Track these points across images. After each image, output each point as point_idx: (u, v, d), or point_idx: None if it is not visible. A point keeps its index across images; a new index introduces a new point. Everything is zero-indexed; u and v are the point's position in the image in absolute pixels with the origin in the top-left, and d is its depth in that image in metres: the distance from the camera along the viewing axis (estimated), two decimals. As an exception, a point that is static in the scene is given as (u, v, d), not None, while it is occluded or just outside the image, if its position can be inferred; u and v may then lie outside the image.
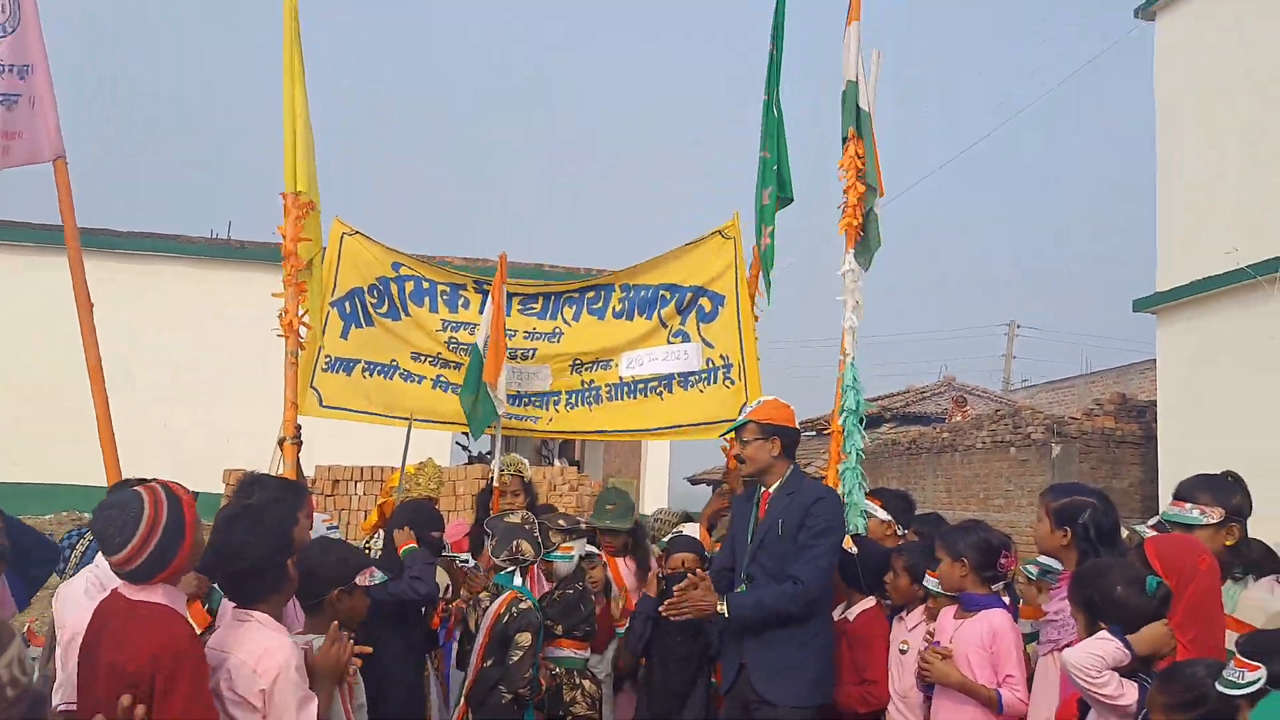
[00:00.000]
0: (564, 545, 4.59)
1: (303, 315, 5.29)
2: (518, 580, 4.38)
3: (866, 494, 4.97)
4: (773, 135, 5.67)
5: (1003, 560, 3.73)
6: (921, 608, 4.05)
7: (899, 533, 4.75)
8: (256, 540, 2.80)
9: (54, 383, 15.98)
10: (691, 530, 5.32)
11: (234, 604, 2.86)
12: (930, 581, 3.91)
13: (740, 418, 4.31)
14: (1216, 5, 12.70)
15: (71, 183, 4.76)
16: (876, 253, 5.29)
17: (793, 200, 5.69)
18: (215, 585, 3.31)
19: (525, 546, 4.41)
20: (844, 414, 5.17)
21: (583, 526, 4.86)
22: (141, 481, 2.73)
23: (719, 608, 3.90)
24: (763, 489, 4.21)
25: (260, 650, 2.70)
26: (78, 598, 3.17)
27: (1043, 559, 3.57)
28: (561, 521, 4.70)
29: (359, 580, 3.22)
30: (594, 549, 4.98)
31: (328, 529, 4.54)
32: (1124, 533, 3.57)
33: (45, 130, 4.69)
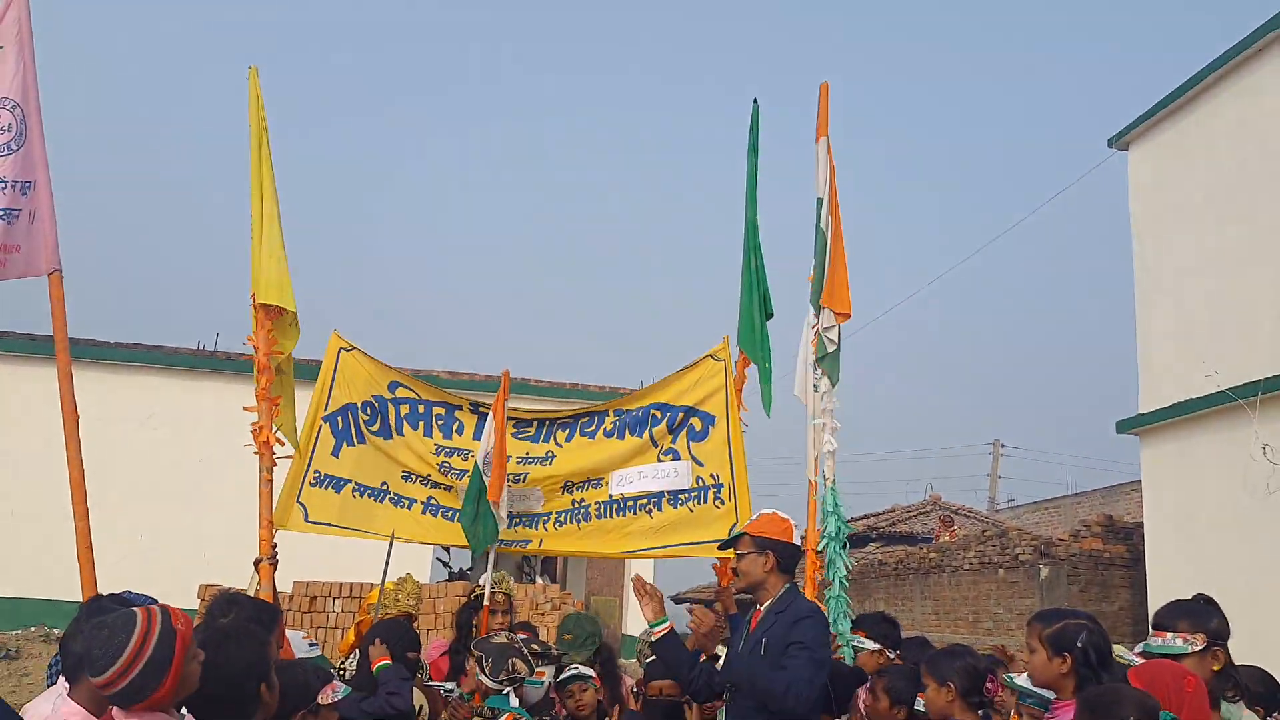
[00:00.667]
0: (537, 671, 4.48)
1: (276, 432, 5.14)
2: (514, 701, 4.27)
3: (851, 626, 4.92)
4: (753, 250, 5.77)
5: (988, 685, 3.68)
6: None
7: (889, 657, 4.65)
8: (228, 664, 2.72)
9: (24, 494, 15.75)
10: None
11: None
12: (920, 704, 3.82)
13: (736, 530, 4.28)
14: (1186, 135, 13.14)
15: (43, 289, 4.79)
16: (828, 368, 5.32)
17: (773, 315, 5.78)
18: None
19: (520, 665, 4.33)
20: (825, 540, 5.12)
21: (554, 652, 4.74)
22: (119, 598, 2.67)
23: (719, 649, 3.81)
24: (756, 606, 4.10)
25: None
26: (45, 715, 3.04)
27: (1020, 680, 3.49)
28: (534, 646, 4.61)
29: (321, 699, 3.13)
30: (588, 671, 4.84)
31: (308, 646, 4.43)
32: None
33: (43, 244, 4.75)
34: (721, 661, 4.34)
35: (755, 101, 5.95)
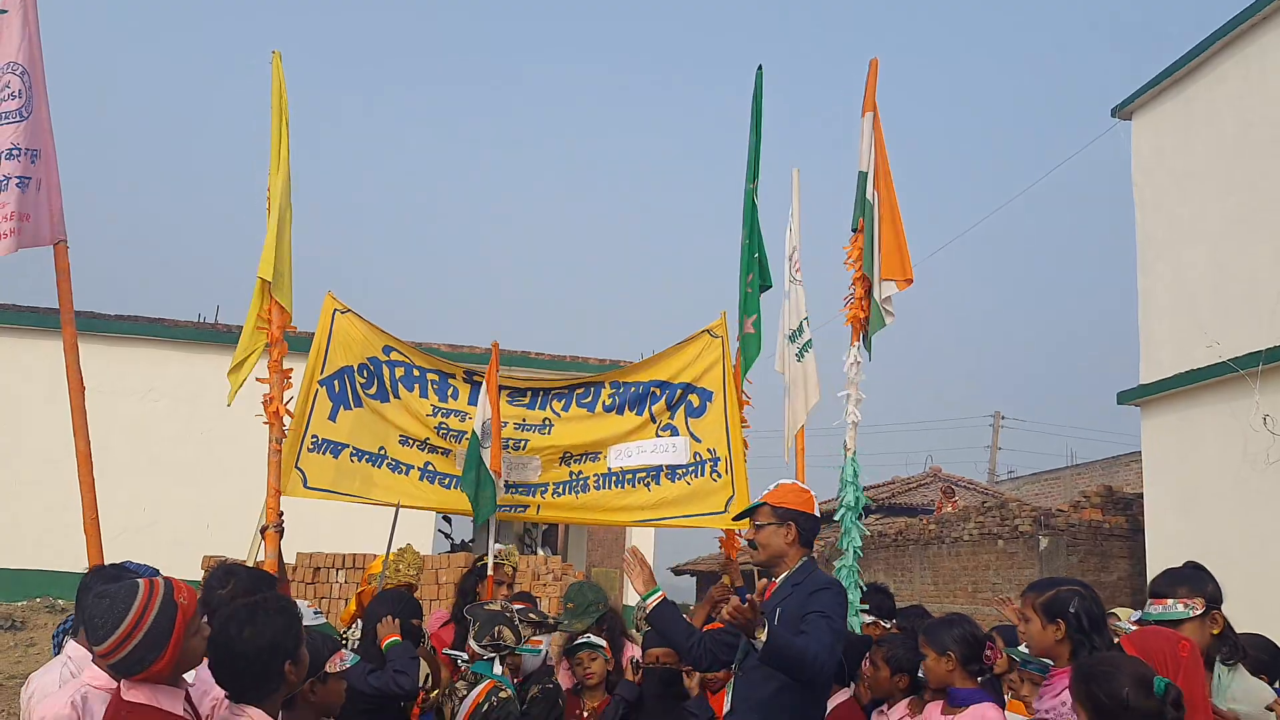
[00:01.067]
0: (532, 639, 4.50)
1: (287, 403, 5.26)
2: (498, 669, 4.29)
3: None
4: (750, 223, 5.78)
5: (988, 652, 3.69)
6: (905, 701, 3.97)
7: (885, 627, 4.68)
8: (254, 639, 2.73)
9: (27, 466, 15.81)
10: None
11: (228, 699, 2.78)
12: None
13: (756, 500, 4.01)
14: (1189, 105, 13.06)
15: (44, 263, 4.79)
16: (875, 337, 5.36)
17: (770, 286, 5.81)
18: None
19: (506, 633, 4.33)
20: (843, 509, 5.16)
21: (550, 621, 4.76)
22: (120, 568, 2.69)
23: (759, 633, 3.45)
24: (770, 579, 3.91)
25: None
26: (49, 688, 3.08)
27: (1022, 649, 3.52)
28: (532, 615, 4.62)
29: (329, 667, 3.14)
30: (600, 641, 4.86)
31: (313, 614, 4.47)
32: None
33: (50, 214, 4.73)
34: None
35: (760, 68, 5.93)
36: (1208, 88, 12.74)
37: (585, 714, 4.80)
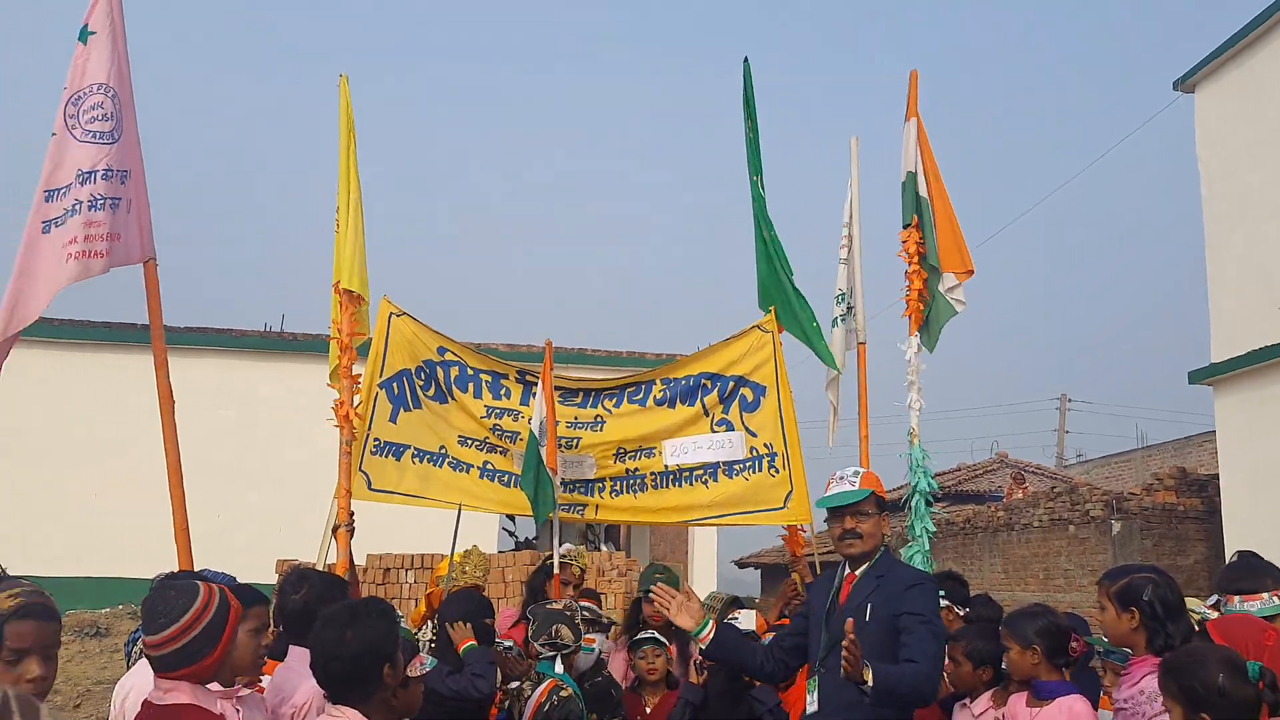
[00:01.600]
0: (586, 637, 4.51)
1: (357, 406, 5.39)
2: (558, 667, 4.32)
3: None
4: (762, 217, 5.91)
5: (1073, 644, 3.61)
6: (988, 694, 3.91)
7: (958, 614, 4.63)
8: (354, 642, 2.82)
9: (112, 477, 16.26)
10: (747, 618, 5.22)
11: (327, 698, 2.88)
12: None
13: (854, 488, 3.76)
14: (1254, 74, 12.70)
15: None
16: (943, 328, 5.50)
17: (792, 274, 5.84)
18: None
19: (565, 631, 4.35)
20: (914, 494, 5.16)
21: (604, 620, 4.76)
22: (198, 575, 2.80)
23: (866, 675, 3.29)
24: (848, 570, 3.76)
25: None
26: (147, 687, 3.14)
27: (1103, 639, 3.46)
28: (585, 613, 4.63)
29: (410, 671, 3.20)
30: (662, 637, 4.88)
31: None
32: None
33: (139, 233, 4.87)
34: (793, 620, 4.14)
35: (746, 60, 5.99)
36: (1272, 57, 12.38)
37: (648, 710, 4.81)
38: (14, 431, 16.88)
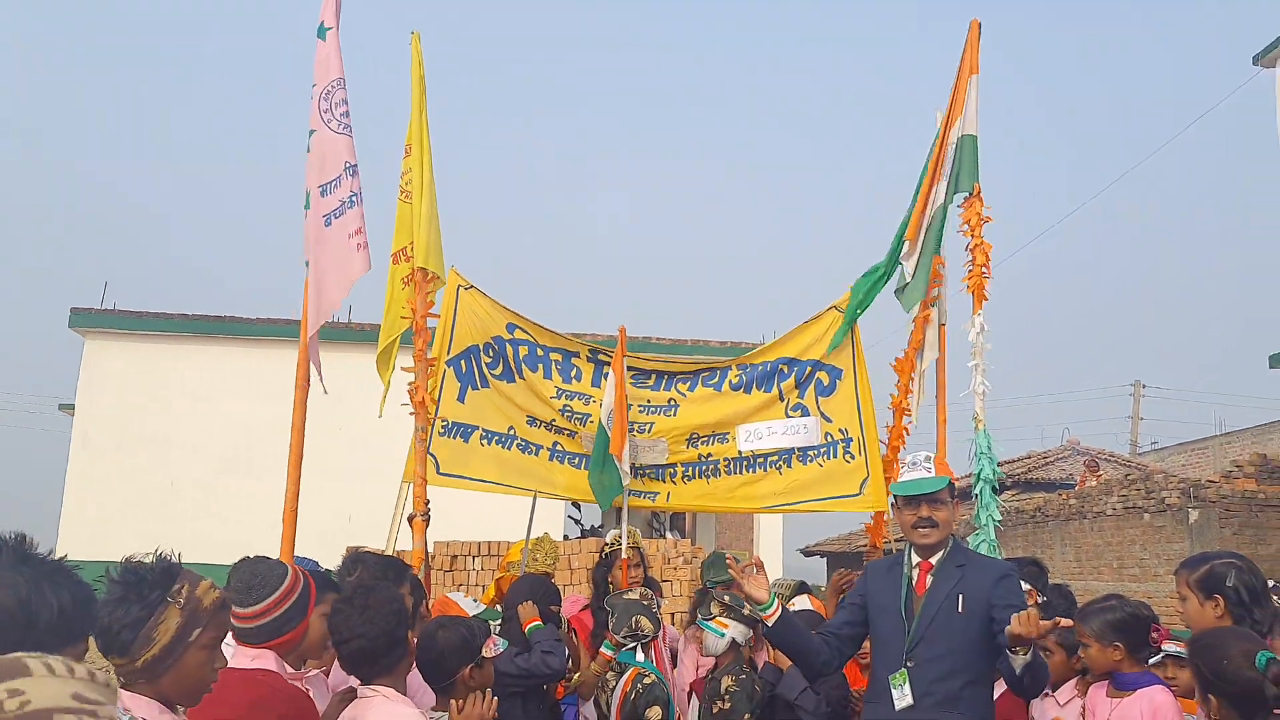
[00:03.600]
0: (719, 619, 4.44)
1: (431, 391, 5.30)
2: (640, 656, 4.33)
3: None
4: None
5: (1154, 635, 3.51)
6: (1072, 682, 3.83)
7: (1039, 601, 4.55)
8: (371, 619, 2.87)
9: (216, 469, 16.67)
10: (802, 603, 5.18)
11: (359, 681, 2.92)
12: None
13: (932, 476, 3.70)
14: (1342, 47, 12.24)
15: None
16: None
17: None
18: None
19: (645, 622, 4.36)
20: (979, 481, 5.05)
21: (746, 613, 4.53)
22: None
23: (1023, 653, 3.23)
24: (918, 558, 3.71)
25: None
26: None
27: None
28: (726, 597, 4.51)
29: (485, 652, 3.25)
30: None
31: (473, 603, 4.62)
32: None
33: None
34: (842, 608, 4.02)
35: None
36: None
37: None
38: (94, 420, 17.41)
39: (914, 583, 3.67)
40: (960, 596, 3.51)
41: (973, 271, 5.27)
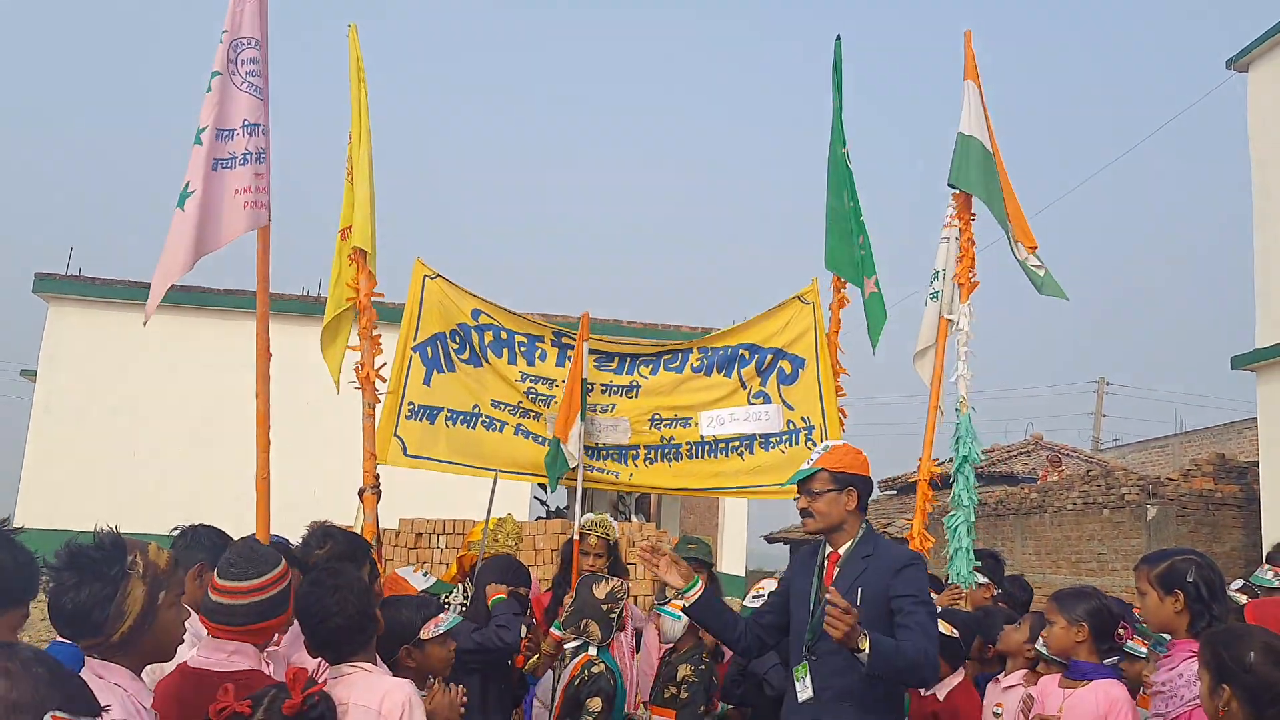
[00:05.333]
0: (675, 602, 4.37)
1: (379, 368, 5.38)
2: (593, 650, 4.27)
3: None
4: (849, 186, 5.73)
5: (1120, 631, 3.55)
6: (1021, 671, 3.89)
7: (996, 592, 4.61)
8: (344, 599, 2.84)
9: (163, 436, 16.49)
10: (771, 584, 5.21)
11: (328, 661, 2.90)
12: (1041, 644, 3.69)
13: (808, 465, 3.67)
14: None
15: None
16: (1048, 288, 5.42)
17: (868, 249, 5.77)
18: None
19: (594, 629, 4.22)
20: (963, 462, 5.13)
21: (669, 596, 4.67)
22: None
23: (862, 644, 3.13)
24: (830, 549, 3.62)
25: (381, 692, 2.75)
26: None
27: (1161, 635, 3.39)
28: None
29: (423, 633, 3.22)
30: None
31: (422, 577, 4.58)
32: None
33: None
34: (768, 600, 3.95)
35: (838, 38, 5.97)
36: (1332, 34, 12.06)
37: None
38: (56, 387, 17.19)
39: (824, 574, 3.59)
40: (860, 589, 3.41)
41: (962, 265, 5.37)
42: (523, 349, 5.98)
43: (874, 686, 3.37)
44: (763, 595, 4.62)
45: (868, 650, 3.12)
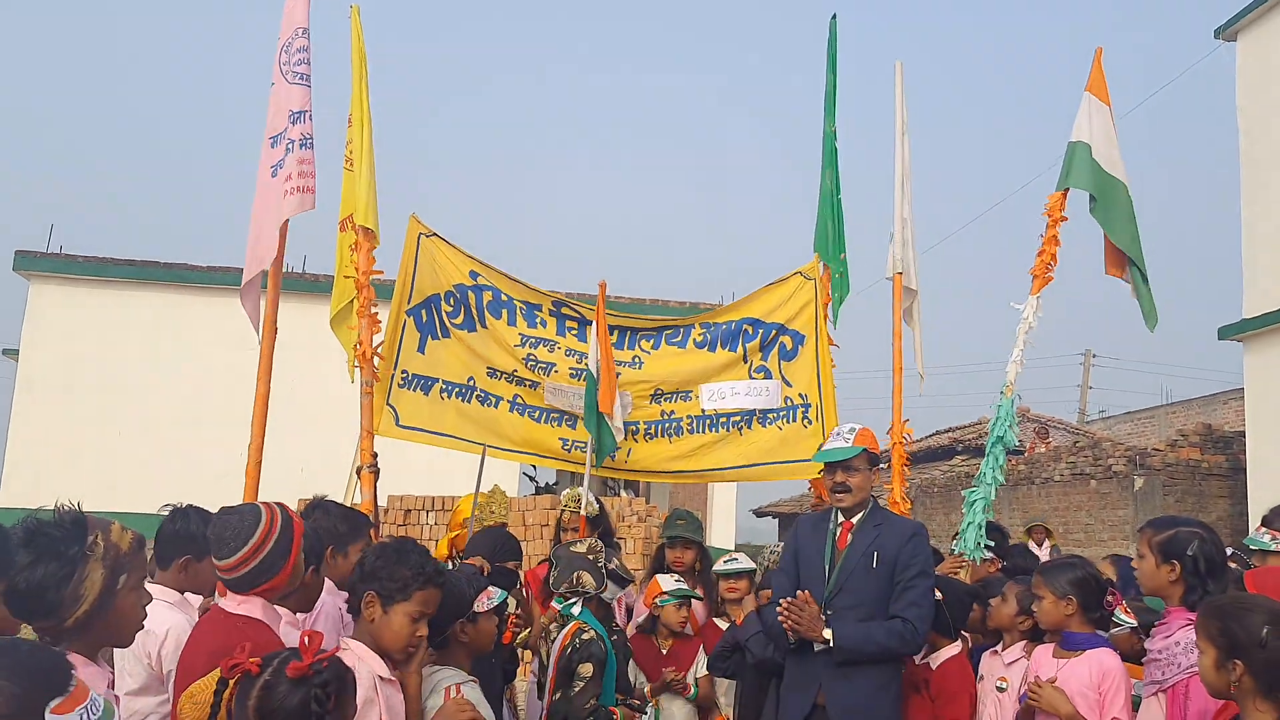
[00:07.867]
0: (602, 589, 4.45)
1: (377, 346, 5.31)
2: (578, 609, 4.28)
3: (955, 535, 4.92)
4: (831, 165, 5.81)
5: (1109, 599, 3.56)
6: (1021, 644, 3.88)
7: (1000, 567, 4.63)
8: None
9: (148, 415, 16.39)
10: (745, 559, 5.21)
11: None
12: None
13: (849, 445, 4.02)
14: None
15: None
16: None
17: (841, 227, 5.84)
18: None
19: (586, 578, 4.28)
20: (998, 443, 5.30)
21: (626, 577, 4.63)
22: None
23: (825, 634, 3.74)
24: (842, 518, 4.03)
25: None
26: (181, 626, 3.08)
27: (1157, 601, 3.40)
28: (613, 565, 4.51)
29: (477, 606, 3.19)
30: (692, 593, 4.84)
31: None
32: None
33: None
34: (778, 573, 4.29)
35: (834, 17, 5.97)
36: (1321, 3, 12.02)
37: (664, 652, 4.80)
38: (38, 366, 17.05)
39: (837, 538, 3.98)
40: (875, 554, 3.86)
41: (1041, 259, 5.45)
42: (522, 312, 5.82)
43: (884, 698, 3.80)
44: (735, 560, 5.07)
45: (831, 640, 3.63)
